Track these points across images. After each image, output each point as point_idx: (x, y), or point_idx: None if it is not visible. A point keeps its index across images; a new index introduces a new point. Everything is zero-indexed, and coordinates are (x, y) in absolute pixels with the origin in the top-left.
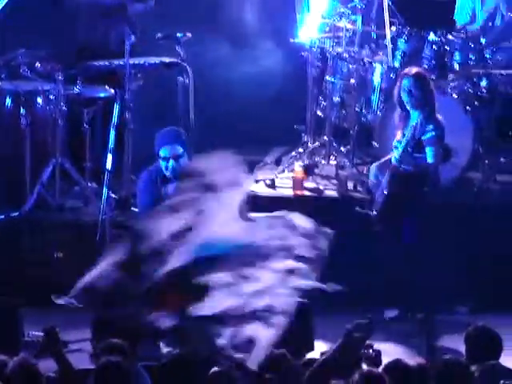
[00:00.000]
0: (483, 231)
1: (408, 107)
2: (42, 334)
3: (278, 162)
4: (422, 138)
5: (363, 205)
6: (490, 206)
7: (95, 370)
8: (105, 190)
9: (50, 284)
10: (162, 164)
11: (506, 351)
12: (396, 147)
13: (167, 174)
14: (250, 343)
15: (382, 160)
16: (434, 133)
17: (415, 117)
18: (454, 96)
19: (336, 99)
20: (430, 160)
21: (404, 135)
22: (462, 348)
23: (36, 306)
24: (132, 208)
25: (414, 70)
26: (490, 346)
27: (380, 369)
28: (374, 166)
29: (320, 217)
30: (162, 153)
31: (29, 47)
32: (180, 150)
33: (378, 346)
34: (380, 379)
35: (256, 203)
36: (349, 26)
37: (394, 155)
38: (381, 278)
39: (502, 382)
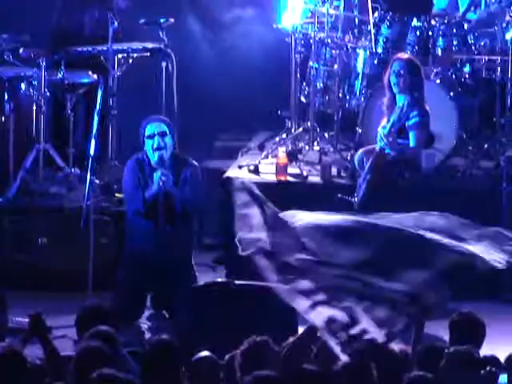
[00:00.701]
0: (466, 217)
1: (395, 90)
2: (27, 320)
3: (261, 148)
4: (406, 123)
5: (346, 191)
6: (474, 191)
7: (75, 355)
8: (88, 176)
9: (35, 270)
10: (148, 144)
11: (488, 338)
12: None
13: (154, 158)
14: None
15: (371, 147)
16: (418, 118)
17: (401, 101)
18: (438, 82)
19: (319, 85)
20: (411, 144)
21: (389, 121)
22: (445, 333)
23: (20, 292)
24: (116, 194)
25: (406, 55)
26: (474, 333)
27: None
28: (360, 152)
29: (303, 203)
30: (147, 131)
31: (12, 33)
32: (165, 127)
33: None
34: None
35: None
36: (331, 12)
37: (378, 139)
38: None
39: (488, 368)
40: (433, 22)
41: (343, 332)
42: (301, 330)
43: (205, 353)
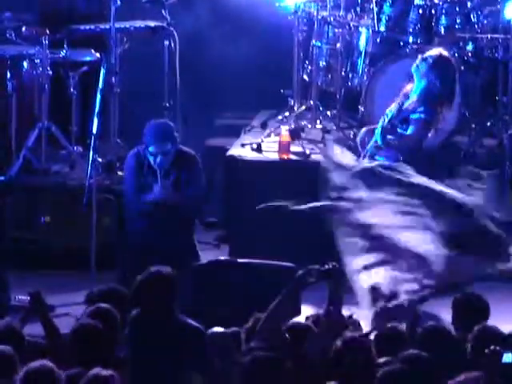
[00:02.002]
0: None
1: (412, 70)
2: (29, 298)
3: (264, 126)
4: (411, 115)
5: None
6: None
7: (70, 332)
8: (91, 154)
9: (37, 248)
10: (150, 158)
11: (492, 316)
12: (386, 115)
13: (154, 166)
14: None
15: (373, 126)
16: (421, 115)
17: (416, 89)
18: None
19: (322, 63)
20: (408, 132)
21: (400, 106)
22: (447, 313)
23: (23, 271)
24: (118, 172)
25: (445, 52)
26: (478, 313)
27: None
28: (362, 131)
29: (305, 181)
30: (150, 149)
31: (14, 11)
32: (169, 145)
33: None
34: (362, 344)
35: (241, 167)
36: None
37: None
38: None
39: (492, 347)
40: (435, 0)
41: (381, 302)
42: (303, 308)
43: (218, 328)
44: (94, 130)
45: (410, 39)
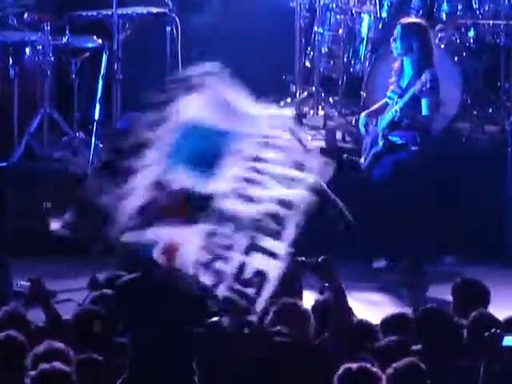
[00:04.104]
0: (471, 181)
1: (394, 54)
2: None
3: None
4: (420, 95)
5: (351, 153)
6: (478, 156)
7: (73, 317)
8: (93, 141)
9: (38, 234)
10: None
11: (493, 302)
12: (390, 97)
13: None
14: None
15: (372, 108)
16: (428, 84)
17: (408, 66)
18: (442, 46)
19: (324, 50)
20: (424, 111)
21: (399, 86)
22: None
23: (26, 257)
24: None
25: (408, 19)
26: (478, 299)
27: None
28: (363, 115)
29: None
30: None
31: None
32: None
33: (366, 295)
34: (371, 328)
35: None
36: None
37: (395, 108)
38: (369, 228)
39: (493, 329)
40: None
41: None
42: (305, 293)
43: None
44: (96, 117)
45: None
